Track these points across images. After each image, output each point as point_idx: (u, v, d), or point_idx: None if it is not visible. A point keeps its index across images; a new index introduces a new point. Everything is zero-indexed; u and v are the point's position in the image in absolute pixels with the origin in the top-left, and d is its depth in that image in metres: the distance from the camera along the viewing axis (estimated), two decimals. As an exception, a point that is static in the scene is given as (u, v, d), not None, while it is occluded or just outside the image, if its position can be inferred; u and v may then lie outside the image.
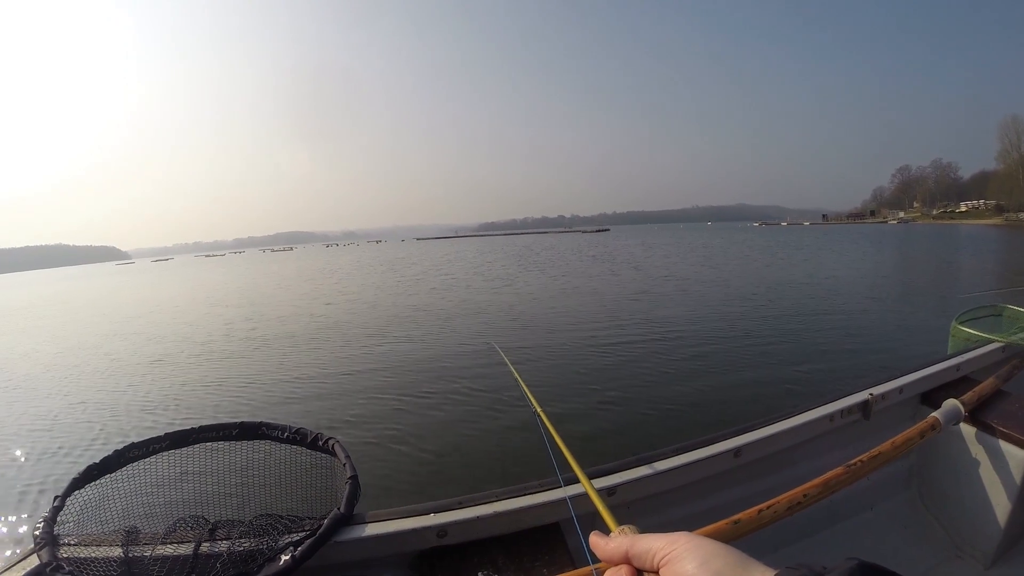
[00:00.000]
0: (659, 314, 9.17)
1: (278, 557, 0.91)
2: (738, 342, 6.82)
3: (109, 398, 6.13)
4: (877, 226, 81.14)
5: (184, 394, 6.06)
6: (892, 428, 1.42)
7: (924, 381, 1.66)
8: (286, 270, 35.10)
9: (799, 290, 11.69)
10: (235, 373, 6.88)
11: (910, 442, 1.24)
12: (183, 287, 26.22)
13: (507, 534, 1.04)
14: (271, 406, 5.39)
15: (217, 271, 43.80)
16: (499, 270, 22.15)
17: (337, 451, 1.16)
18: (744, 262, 20.57)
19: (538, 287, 14.71)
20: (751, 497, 1.09)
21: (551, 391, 5.08)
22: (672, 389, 5.07)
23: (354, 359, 7.09)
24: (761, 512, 0.96)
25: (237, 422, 1.19)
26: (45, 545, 0.88)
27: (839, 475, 1.09)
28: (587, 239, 71.03)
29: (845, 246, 30.14)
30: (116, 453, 1.08)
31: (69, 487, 1.00)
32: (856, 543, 1.54)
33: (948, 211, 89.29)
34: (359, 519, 1.02)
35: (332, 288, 18.36)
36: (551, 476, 1.07)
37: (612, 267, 20.70)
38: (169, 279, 36.51)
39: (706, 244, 38.17)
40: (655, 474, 1.14)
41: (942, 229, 57.05)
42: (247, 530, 0.99)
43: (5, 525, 3.41)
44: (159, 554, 0.92)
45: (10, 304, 24.69)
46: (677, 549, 0.38)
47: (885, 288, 12.07)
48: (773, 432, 1.31)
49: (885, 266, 18.17)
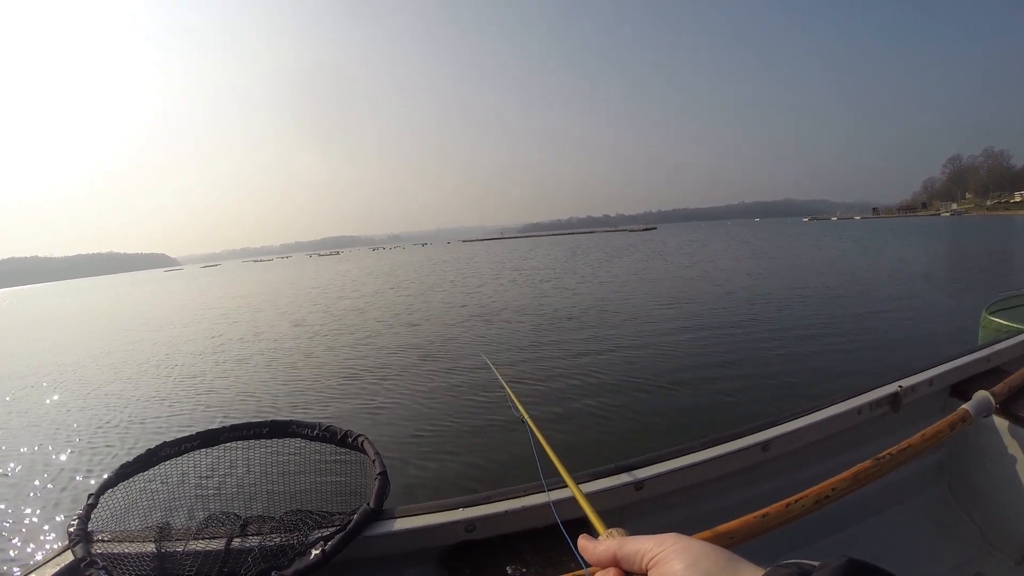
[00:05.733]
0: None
1: (309, 552, 0.92)
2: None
3: (151, 398, 6.45)
4: (929, 219, 78.38)
5: (216, 396, 6.32)
6: (922, 421, 1.38)
7: (954, 373, 1.62)
8: (336, 273, 35.97)
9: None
10: (268, 374, 7.12)
11: (940, 435, 1.20)
12: (227, 291, 27.16)
13: (535, 528, 1.03)
14: (303, 405, 5.57)
15: (266, 275, 45.52)
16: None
17: (366, 448, 1.16)
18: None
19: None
20: (780, 491, 1.08)
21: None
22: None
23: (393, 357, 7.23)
24: (789, 506, 0.95)
25: (267, 421, 1.21)
26: (79, 541, 0.90)
27: (868, 468, 1.06)
28: (637, 238, 69.71)
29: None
30: (148, 452, 1.10)
31: (103, 485, 1.03)
32: (886, 538, 1.51)
33: (1002, 201, 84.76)
34: (388, 514, 1.02)
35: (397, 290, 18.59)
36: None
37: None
38: (215, 284, 38.05)
39: (774, 243, 33.51)
40: (684, 467, 1.14)
41: (997, 221, 54.06)
42: (278, 525, 1.00)
43: (45, 521, 3.59)
44: (191, 549, 0.94)
45: (63, 310, 25.91)
46: (665, 550, 0.38)
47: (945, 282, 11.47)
48: (802, 425, 1.30)
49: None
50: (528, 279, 18.78)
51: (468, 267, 29.60)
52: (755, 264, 18.84)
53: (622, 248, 38.73)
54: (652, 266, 20.95)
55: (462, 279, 21.08)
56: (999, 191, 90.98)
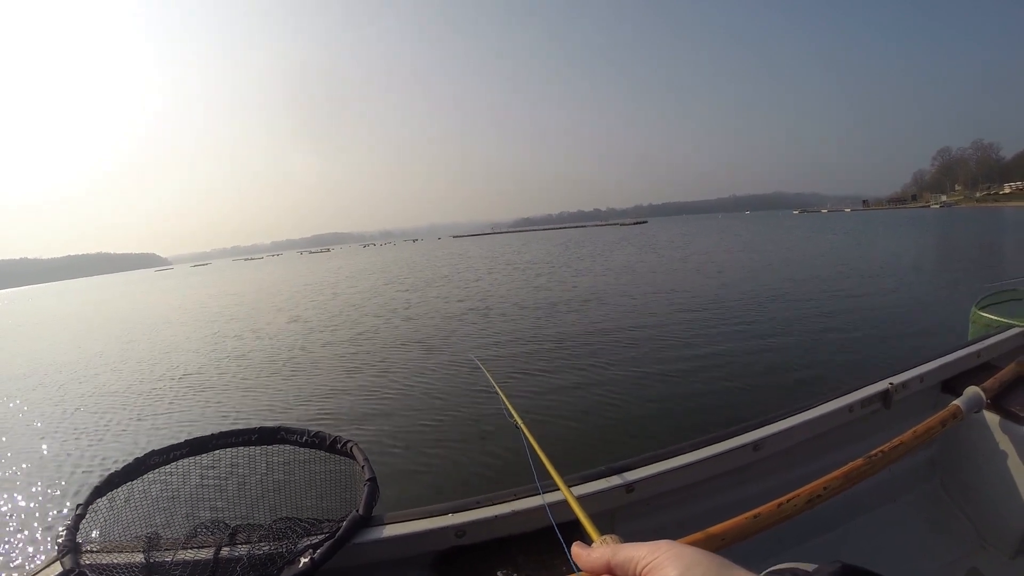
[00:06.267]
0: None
1: (298, 560, 0.91)
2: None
3: (137, 405, 6.38)
4: (919, 211, 78.95)
5: (204, 402, 6.25)
6: (913, 417, 1.38)
7: (944, 369, 1.63)
8: (327, 270, 35.71)
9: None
10: (255, 379, 7.05)
11: (931, 431, 1.21)
12: (220, 290, 26.69)
13: (526, 533, 1.03)
14: (289, 410, 5.52)
15: (255, 273, 45.21)
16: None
17: (356, 454, 1.16)
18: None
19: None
20: (771, 491, 1.08)
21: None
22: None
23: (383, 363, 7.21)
24: (781, 505, 0.95)
25: (256, 428, 1.20)
26: (67, 552, 0.89)
27: (859, 466, 1.07)
28: (627, 232, 69.79)
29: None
30: (137, 461, 1.09)
31: (91, 495, 1.02)
32: (879, 535, 1.52)
33: (991, 193, 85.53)
34: (378, 521, 1.02)
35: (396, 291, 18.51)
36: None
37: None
38: (206, 284, 37.67)
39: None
40: (675, 469, 1.14)
41: (986, 213, 54.48)
42: (267, 533, 1.00)
43: (34, 532, 3.53)
44: (180, 559, 0.93)
45: (54, 312, 25.59)
46: (659, 557, 0.38)
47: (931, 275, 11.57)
48: (793, 424, 1.30)
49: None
50: (523, 274, 18.84)
51: (461, 263, 29.56)
52: (747, 257, 19.00)
53: (613, 242, 38.75)
54: (645, 259, 21.11)
55: (456, 274, 21.09)
56: (988, 183, 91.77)
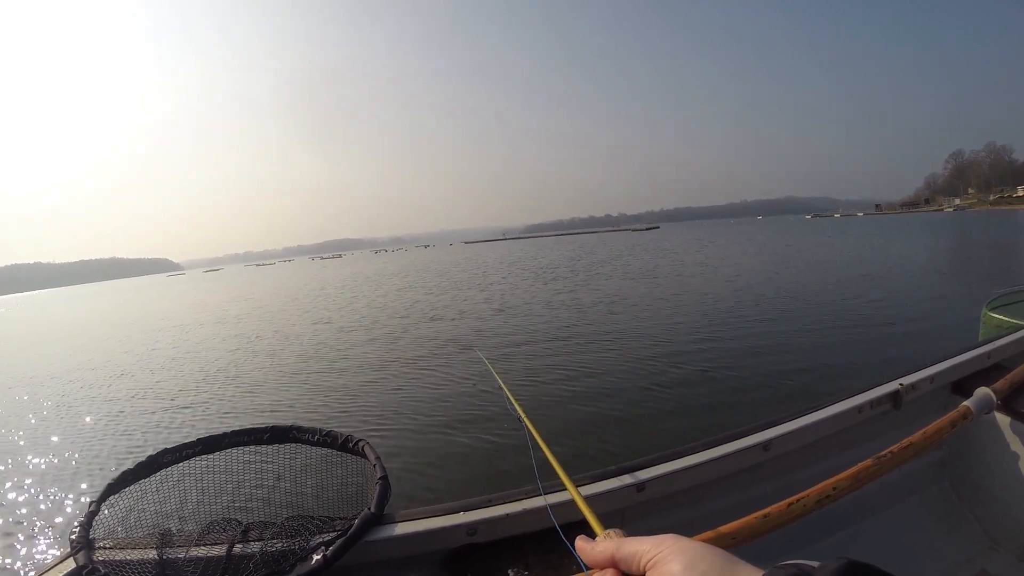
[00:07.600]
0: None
1: (310, 557, 0.92)
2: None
3: (150, 406, 6.45)
4: (932, 215, 78.20)
5: (217, 401, 6.34)
6: (923, 418, 1.37)
7: (955, 370, 1.62)
8: (341, 276, 35.92)
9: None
10: (268, 378, 7.14)
11: (941, 432, 1.20)
12: (231, 295, 26.86)
13: (538, 531, 1.02)
14: (305, 408, 5.58)
15: (269, 279, 45.43)
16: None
17: (367, 452, 1.16)
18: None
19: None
20: (781, 491, 1.07)
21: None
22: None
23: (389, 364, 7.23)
24: (791, 506, 0.95)
25: (268, 426, 1.21)
26: (81, 548, 0.90)
27: (869, 467, 1.06)
28: (640, 237, 68.80)
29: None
30: (150, 458, 1.10)
31: (104, 492, 1.03)
32: (888, 536, 1.51)
33: (1005, 196, 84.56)
34: (389, 519, 1.02)
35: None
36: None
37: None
38: (218, 289, 37.87)
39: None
40: (686, 468, 1.14)
41: (999, 216, 53.78)
42: (279, 531, 1.00)
43: (48, 528, 3.59)
44: (193, 555, 0.94)
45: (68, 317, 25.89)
46: (664, 551, 0.38)
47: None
48: (803, 425, 1.30)
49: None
50: (538, 277, 18.99)
51: (476, 268, 29.70)
52: (763, 261, 18.93)
53: (627, 248, 38.67)
54: (662, 263, 21.12)
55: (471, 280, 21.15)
56: (1001, 186, 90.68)
